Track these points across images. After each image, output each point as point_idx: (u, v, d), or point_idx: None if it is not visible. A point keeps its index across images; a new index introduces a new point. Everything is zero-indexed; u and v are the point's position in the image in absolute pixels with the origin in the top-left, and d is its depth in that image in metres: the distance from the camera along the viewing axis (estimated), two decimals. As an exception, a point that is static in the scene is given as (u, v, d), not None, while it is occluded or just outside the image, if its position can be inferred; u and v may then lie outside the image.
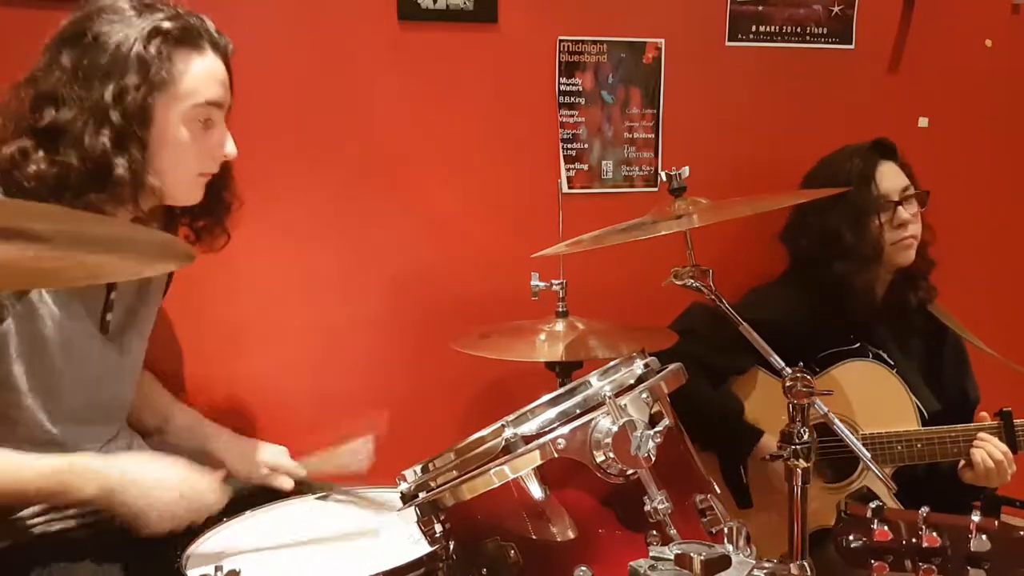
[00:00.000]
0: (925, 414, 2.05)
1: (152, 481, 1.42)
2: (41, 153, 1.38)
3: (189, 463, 1.48)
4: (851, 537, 1.18)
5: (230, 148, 1.52)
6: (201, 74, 1.45)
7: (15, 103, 1.41)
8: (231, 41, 1.52)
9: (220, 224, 1.64)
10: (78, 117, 1.38)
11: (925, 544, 1.15)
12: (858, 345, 2.07)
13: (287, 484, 1.70)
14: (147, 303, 1.67)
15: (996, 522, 1.14)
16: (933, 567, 1.15)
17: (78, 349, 1.49)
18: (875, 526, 1.17)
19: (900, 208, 2.03)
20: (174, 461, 1.47)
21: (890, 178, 2.05)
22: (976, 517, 1.14)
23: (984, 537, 1.13)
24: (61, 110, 1.38)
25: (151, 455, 1.50)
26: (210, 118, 1.48)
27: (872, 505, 1.18)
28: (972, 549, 1.13)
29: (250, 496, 1.65)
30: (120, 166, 1.39)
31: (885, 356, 2.08)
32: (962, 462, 2.00)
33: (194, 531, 1.57)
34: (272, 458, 1.73)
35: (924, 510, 1.16)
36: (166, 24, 1.41)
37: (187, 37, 1.44)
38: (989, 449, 1.95)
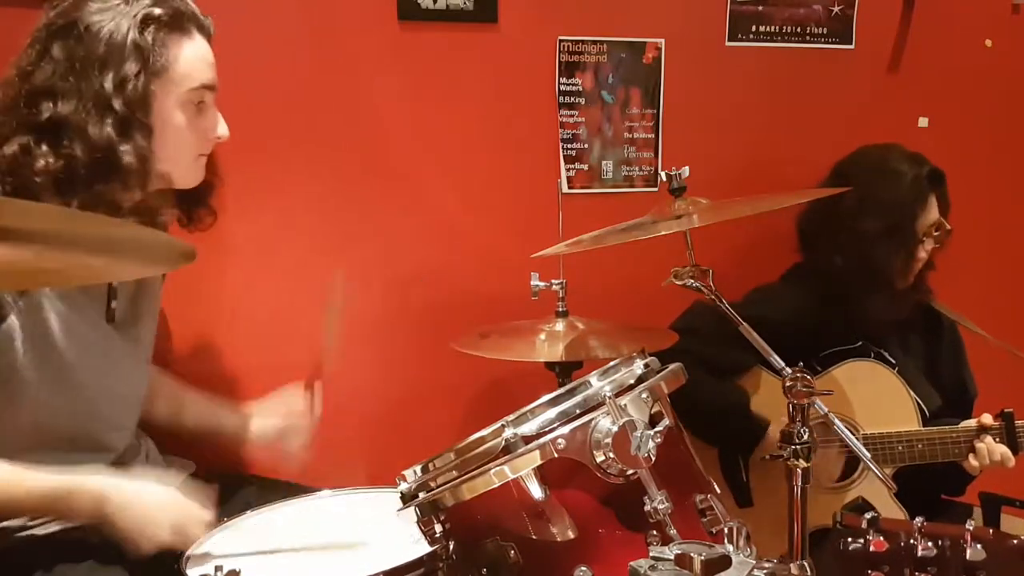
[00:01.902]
0: (926, 412, 2.05)
1: (146, 510, 1.43)
2: (44, 148, 1.38)
3: (182, 491, 1.48)
4: (847, 547, 1.18)
5: (223, 129, 1.55)
6: (193, 58, 1.48)
7: (8, 100, 1.41)
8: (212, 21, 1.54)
9: (206, 205, 1.65)
10: (79, 109, 1.38)
11: (921, 553, 1.14)
12: (860, 344, 2.07)
13: (302, 439, 1.72)
14: (149, 291, 1.68)
15: (991, 531, 1.15)
16: (929, 576, 1.15)
17: (87, 341, 1.49)
18: (871, 536, 1.17)
19: (921, 245, 2.03)
20: (169, 490, 1.47)
21: (929, 214, 2.03)
22: (971, 526, 1.14)
23: (979, 546, 1.13)
24: (60, 103, 1.38)
25: (149, 479, 1.49)
26: (203, 100, 1.51)
27: (867, 516, 1.18)
28: (968, 558, 1.13)
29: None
30: (127, 154, 1.40)
31: (886, 355, 2.08)
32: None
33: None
34: (280, 414, 1.76)
35: (919, 520, 1.16)
36: (156, 10, 1.42)
37: (177, 22, 1.45)
38: (990, 447, 1.97)
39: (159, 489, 1.47)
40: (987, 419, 2.01)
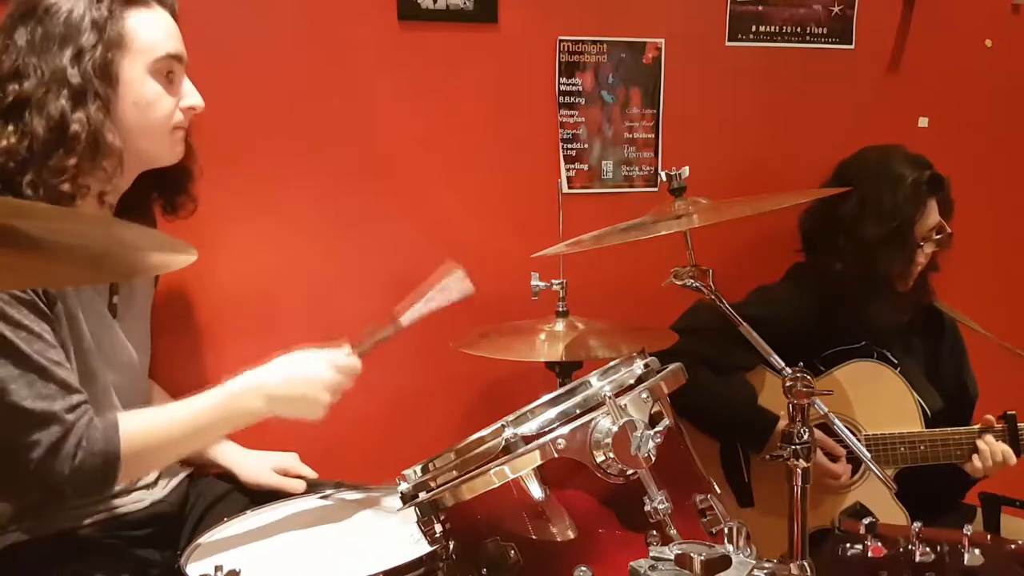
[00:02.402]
0: (928, 412, 2.05)
1: (299, 380, 1.50)
2: (9, 128, 1.40)
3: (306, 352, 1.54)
4: (845, 552, 1.18)
5: (196, 99, 1.56)
6: (155, 28, 1.50)
7: None
8: None
9: (186, 191, 1.67)
10: (39, 86, 1.41)
11: (919, 558, 1.15)
12: (862, 344, 2.07)
13: (299, 487, 1.72)
14: (144, 288, 1.70)
15: (989, 536, 1.15)
16: (927, 581, 1.15)
17: (97, 334, 1.50)
18: (869, 541, 1.17)
19: (920, 249, 2.02)
20: (298, 355, 1.54)
21: (926, 218, 2.02)
22: (968, 531, 1.14)
23: (977, 551, 1.13)
24: (23, 83, 1.41)
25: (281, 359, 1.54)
26: (172, 71, 1.52)
27: (865, 521, 1.18)
28: (965, 563, 1.13)
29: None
30: (76, 121, 1.41)
31: (888, 355, 2.08)
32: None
33: (194, 531, 1.58)
34: (282, 463, 1.77)
35: (917, 525, 1.16)
36: None
37: None
38: (992, 447, 1.97)
39: (294, 357, 1.53)
40: (990, 421, 2.01)
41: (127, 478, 1.44)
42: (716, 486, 1.37)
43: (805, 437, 1.37)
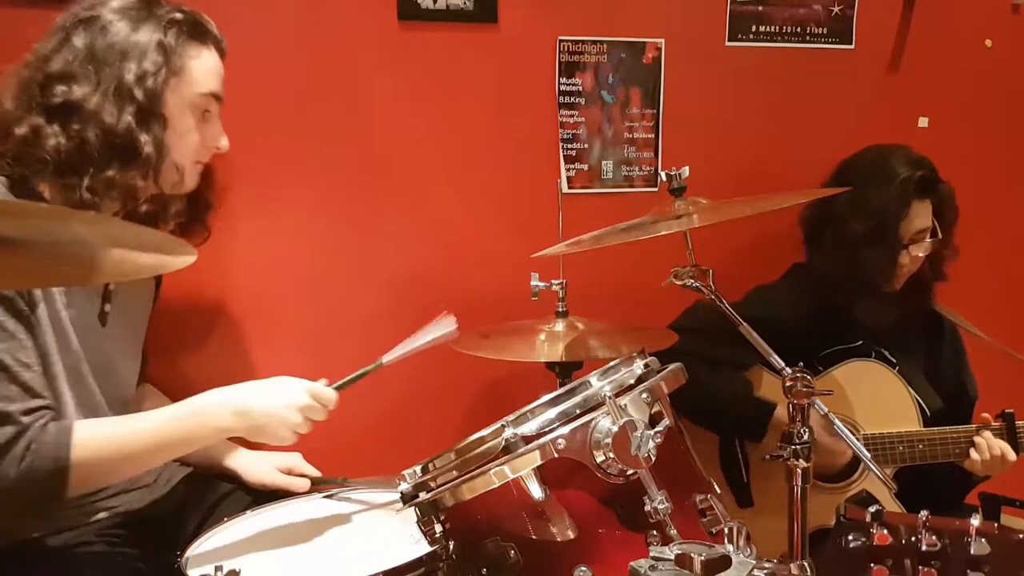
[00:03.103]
0: (927, 412, 2.05)
1: (271, 398, 1.48)
2: (56, 128, 1.42)
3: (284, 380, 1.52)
4: (850, 541, 1.18)
5: (225, 141, 1.60)
6: (207, 67, 1.54)
7: (23, 82, 1.44)
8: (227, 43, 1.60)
9: (201, 221, 1.69)
10: (94, 93, 1.42)
11: (924, 547, 1.14)
12: (861, 343, 2.07)
13: (303, 485, 1.72)
14: (141, 294, 1.69)
15: (996, 525, 1.14)
16: (933, 570, 1.14)
17: (84, 342, 1.49)
18: (874, 530, 1.16)
19: (905, 251, 2.00)
20: (274, 379, 1.52)
21: (913, 221, 2.00)
22: (975, 520, 1.14)
23: (984, 540, 1.13)
24: (74, 87, 1.42)
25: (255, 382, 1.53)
26: (208, 109, 1.56)
27: (871, 509, 1.18)
28: (972, 552, 1.13)
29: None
30: (146, 143, 1.45)
31: (887, 354, 2.08)
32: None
33: (194, 531, 1.58)
34: (286, 462, 1.77)
35: (924, 514, 1.16)
36: (178, 15, 1.50)
37: (197, 31, 1.53)
38: (990, 441, 1.97)
39: (274, 381, 1.52)
40: (987, 419, 2.01)
41: (81, 487, 1.39)
42: (716, 486, 1.37)
43: (805, 437, 1.37)
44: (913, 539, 1.15)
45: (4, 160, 1.43)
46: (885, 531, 1.16)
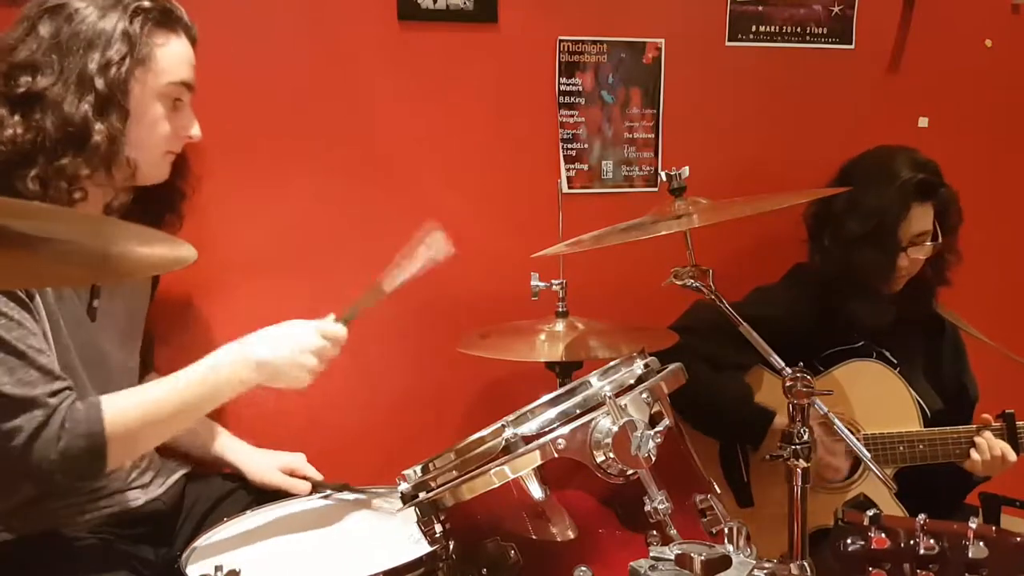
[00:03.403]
0: (928, 412, 2.05)
1: (286, 345, 1.49)
2: (17, 118, 1.40)
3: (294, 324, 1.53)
4: (848, 544, 1.18)
5: (196, 130, 1.58)
6: (176, 55, 1.52)
7: None
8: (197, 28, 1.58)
9: (174, 210, 1.67)
10: (57, 83, 1.41)
11: (922, 551, 1.14)
12: (862, 344, 2.07)
13: (303, 488, 1.72)
14: (135, 290, 1.68)
15: (994, 528, 1.14)
16: (931, 574, 1.14)
17: (73, 338, 1.49)
18: (872, 533, 1.16)
19: (903, 254, 1.99)
20: (284, 324, 1.53)
21: (913, 224, 1.99)
22: (974, 524, 1.14)
23: (982, 544, 1.13)
24: (37, 77, 1.41)
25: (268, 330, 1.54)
26: (180, 98, 1.54)
27: (869, 513, 1.18)
28: (970, 556, 1.13)
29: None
30: (99, 132, 1.42)
31: (888, 355, 2.08)
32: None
33: (194, 530, 1.57)
34: (290, 463, 1.77)
35: (922, 517, 1.16)
36: (147, 3, 1.47)
37: (165, 19, 1.50)
38: (990, 442, 1.97)
39: (285, 326, 1.53)
40: (988, 420, 2.01)
41: (118, 460, 1.42)
42: (716, 486, 1.37)
43: (805, 437, 1.37)
44: (911, 543, 1.14)
45: None
46: (883, 535, 1.16)
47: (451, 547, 1.26)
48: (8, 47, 1.43)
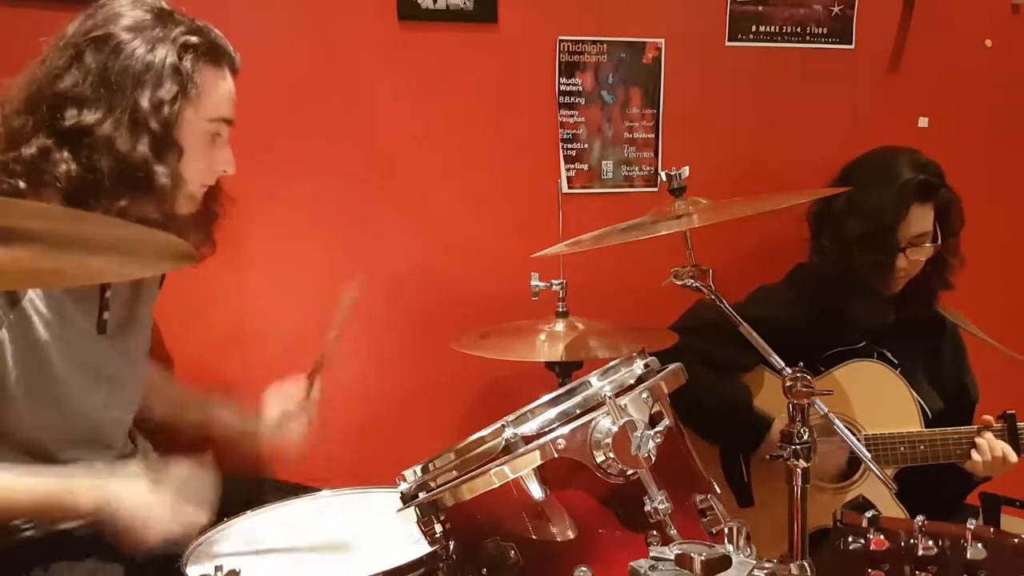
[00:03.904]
0: (929, 412, 2.05)
1: (146, 496, 1.41)
2: (66, 154, 1.37)
3: (184, 472, 1.46)
4: (847, 546, 1.18)
5: (232, 166, 1.54)
6: (221, 92, 1.49)
7: (31, 99, 1.39)
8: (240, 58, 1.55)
9: (206, 234, 1.64)
10: (106, 120, 1.38)
11: (921, 552, 1.14)
12: (863, 344, 2.07)
13: (301, 427, 1.71)
14: (143, 301, 1.67)
15: (992, 530, 1.14)
16: (929, 575, 1.14)
17: (77, 355, 1.47)
18: (871, 535, 1.16)
19: (902, 255, 1.99)
20: (167, 472, 1.45)
21: (912, 225, 1.98)
22: (972, 525, 1.14)
23: (980, 545, 1.13)
24: (84, 112, 1.37)
25: (148, 464, 1.49)
26: (219, 133, 1.51)
27: (868, 514, 1.18)
28: (968, 557, 1.13)
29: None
30: (163, 175, 1.40)
31: (889, 355, 2.08)
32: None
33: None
34: (280, 404, 1.74)
35: (920, 518, 1.16)
36: (194, 39, 1.44)
37: (213, 54, 1.47)
38: (991, 442, 1.97)
39: (155, 486, 1.44)
40: (989, 421, 2.01)
41: None
42: (716, 486, 1.37)
43: (805, 437, 1.37)
44: (910, 544, 1.14)
45: (16, 174, 1.38)
46: (882, 536, 1.16)
47: (451, 547, 1.26)
48: (52, 74, 1.39)
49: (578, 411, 1.24)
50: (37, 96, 1.39)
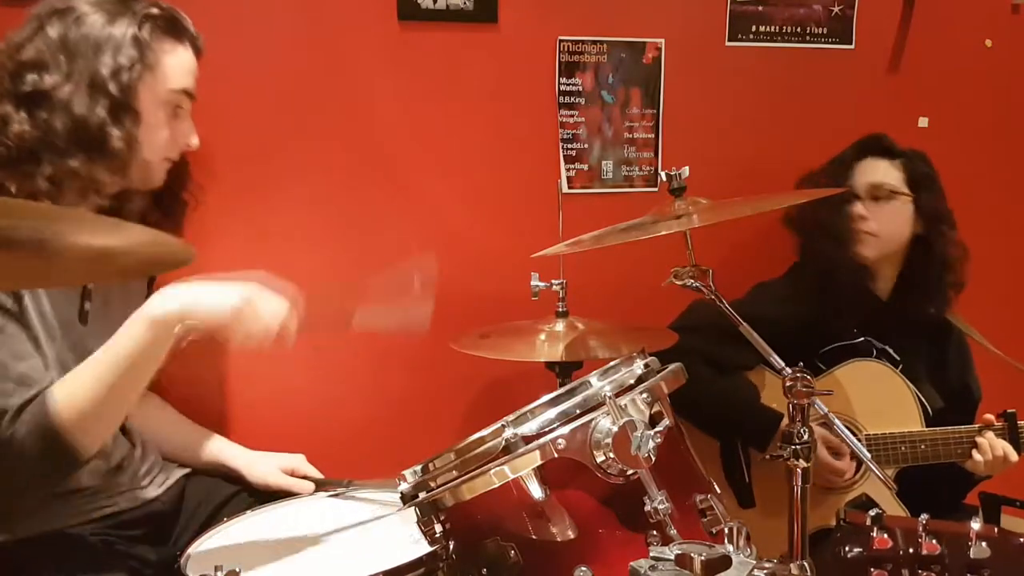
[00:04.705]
0: (929, 411, 2.05)
1: (221, 289, 1.38)
2: (23, 115, 1.41)
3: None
4: (850, 545, 1.17)
5: (194, 139, 1.60)
6: (180, 63, 1.54)
7: None
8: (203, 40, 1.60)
9: (173, 220, 1.67)
10: (65, 83, 1.42)
11: (924, 552, 1.14)
12: (862, 340, 2.07)
13: (307, 488, 1.72)
14: (128, 292, 1.66)
15: (996, 529, 1.14)
16: (933, 575, 1.14)
17: (62, 344, 1.47)
18: (874, 534, 1.16)
19: (857, 203, 2.05)
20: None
21: (866, 174, 2.06)
22: (976, 524, 1.14)
23: (984, 544, 1.13)
24: (44, 76, 1.42)
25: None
26: (180, 106, 1.56)
27: (871, 513, 1.18)
28: (972, 556, 1.13)
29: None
30: (118, 138, 1.44)
31: (891, 351, 2.08)
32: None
33: (195, 531, 1.57)
34: (290, 463, 1.76)
35: (924, 517, 1.16)
36: (155, 11, 1.50)
37: (172, 28, 1.53)
38: (992, 442, 1.97)
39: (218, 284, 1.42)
40: (990, 420, 2.01)
41: (88, 440, 1.35)
42: (716, 486, 1.37)
43: (805, 437, 1.37)
44: (913, 544, 1.14)
45: None
46: (885, 535, 1.16)
47: (451, 547, 1.26)
48: (15, 45, 1.45)
49: (578, 411, 1.24)
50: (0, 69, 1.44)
